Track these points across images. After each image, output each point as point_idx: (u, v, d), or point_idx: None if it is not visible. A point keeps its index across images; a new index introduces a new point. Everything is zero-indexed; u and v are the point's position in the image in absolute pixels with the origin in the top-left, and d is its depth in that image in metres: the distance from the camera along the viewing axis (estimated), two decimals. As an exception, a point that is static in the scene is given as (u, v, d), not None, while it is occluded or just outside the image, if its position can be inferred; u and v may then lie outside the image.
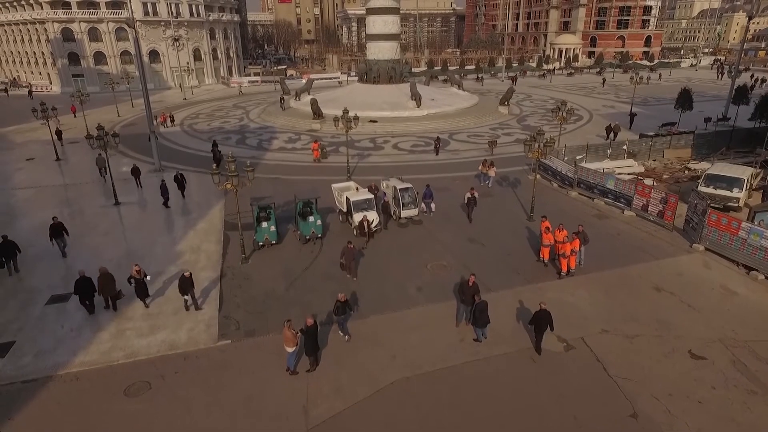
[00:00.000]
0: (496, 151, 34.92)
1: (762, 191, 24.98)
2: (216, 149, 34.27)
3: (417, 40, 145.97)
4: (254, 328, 15.06)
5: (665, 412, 11.54)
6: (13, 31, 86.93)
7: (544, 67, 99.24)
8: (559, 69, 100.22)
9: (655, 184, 24.72)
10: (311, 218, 20.84)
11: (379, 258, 19.55)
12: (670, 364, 13.17)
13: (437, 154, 35.15)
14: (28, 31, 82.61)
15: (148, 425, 11.58)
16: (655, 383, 12.45)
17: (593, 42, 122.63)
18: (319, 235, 21.17)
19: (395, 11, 54.09)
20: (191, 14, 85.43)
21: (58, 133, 39.91)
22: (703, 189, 22.98)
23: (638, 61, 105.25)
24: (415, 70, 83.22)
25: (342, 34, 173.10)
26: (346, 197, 21.88)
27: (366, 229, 20.02)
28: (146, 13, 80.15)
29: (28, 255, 19.59)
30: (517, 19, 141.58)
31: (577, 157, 29.51)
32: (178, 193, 26.72)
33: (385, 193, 23.62)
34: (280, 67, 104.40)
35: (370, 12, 54.26)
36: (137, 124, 48.47)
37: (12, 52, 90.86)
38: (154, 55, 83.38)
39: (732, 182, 23.32)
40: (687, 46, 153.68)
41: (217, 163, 31.10)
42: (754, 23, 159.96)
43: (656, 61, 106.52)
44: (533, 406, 11.94)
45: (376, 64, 54.67)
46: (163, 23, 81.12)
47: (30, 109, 38.03)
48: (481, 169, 28.39)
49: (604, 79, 77.84)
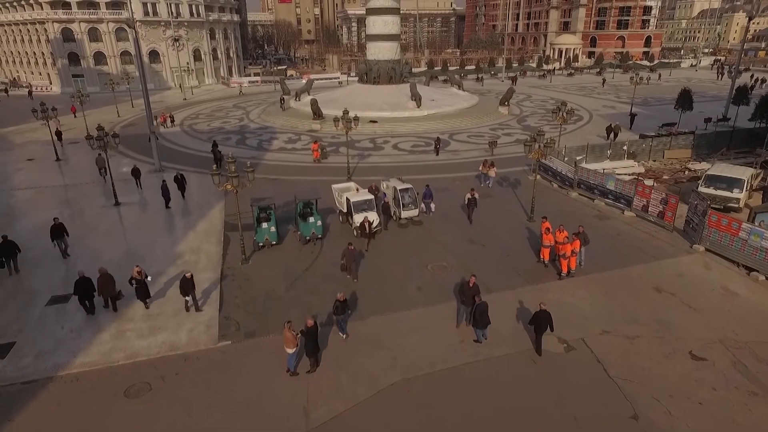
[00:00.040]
0: (497, 152, 34.91)
1: (762, 192, 24.96)
2: (216, 149, 34.27)
3: (417, 41, 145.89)
4: (254, 329, 15.05)
5: (666, 414, 11.54)
6: (13, 32, 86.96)
7: (544, 67, 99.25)
8: (559, 69, 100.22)
9: (655, 185, 24.71)
10: (311, 219, 20.84)
11: (379, 259, 19.55)
12: (670, 365, 13.17)
13: (437, 155, 35.15)
14: (28, 31, 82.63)
15: (149, 426, 11.58)
16: (655, 384, 12.44)
17: (593, 42, 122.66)
18: (320, 236, 21.17)
19: (395, 11, 54.07)
20: (191, 14, 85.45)
21: (58, 134, 39.89)
22: (703, 190, 22.97)
23: (638, 62, 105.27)
24: (415, 71, 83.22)
25: (342, 35, 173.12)
26: (347, 198, 21.87)
27: (367, 230, 19.98)
28: (146, 14, 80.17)
29: (29, 256, 19.58)
30: (517, 20, 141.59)
31: (578, 158, 29.50)
32: (179, 194, 26.71)
33: (386, 194, 23.60)
34: (280, 68, 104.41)
35: (370, 12, 54.24)
36: (137, 125, 48.45)
37: (12, 53, 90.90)
38: (154, 56, 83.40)
39: (732, 183, 23.31)
40: (687, 47, 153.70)
41: (218, 163, 31.24)
42: (754, 23, 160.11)
43: (656, 62, 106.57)
44: (533, 407, 11.94)
45: (376, 65, 54.65)
46: (163, 23, 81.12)
47: (30, 110, 38.04)
48: (482, 169, 28.39)
49: (604, 80, 77.85)
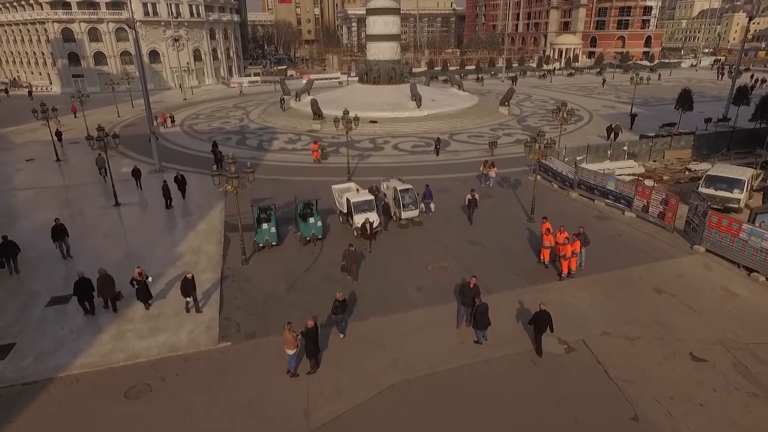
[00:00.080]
0: (497, 152, 34.90)
1: (762, 192, 24.96)
2: (216, 150, 34.25)
3: (417, 41, 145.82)
4: (255, 330, 15.04)
5: (666, 415, 11.53)
6: (13, 32, 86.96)
7: (545, 67, 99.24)
8: (560, 69, 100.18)
9: (655, 185, 24.70)
10: (311, 219, 20.83)
11: (379, 259, 19.54)
12: (671, 367, 13.16)
13: (437, 155, 35.14)
14: (28, 31, 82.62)
15: (149, 428, 11.57)
16: (656, 386, 12.43)
17: (593, 42, 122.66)
18: (320, 237, 21.16)
19: (395, 12, 54.06)
20: (191, 14, 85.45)
21: (58, 134, 39.84)
22: (703, 190, 22.97)
23: (638, 62, 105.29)
24: (415, 71, 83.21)
25: (342, 35, 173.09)
26: (347, 198, 21.86)
27: (369, 232, 19.96)
28: (146, 14, 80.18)
29: (29, 256, 19.58)
30: (518, 20, 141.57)
31: (578, 158, 29.51)
32: (179, 194, 26.69)
33: (386, 195, 23.59)
34: (280, 68, 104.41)
35: (371, 12, 54.23)
36: (137, 125, 48.45)
37: (12, 53, 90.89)
38: (154, 56, 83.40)
39: (732, 183, 23.31)
40: (687, 47, 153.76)
41: (218, 164, 31.25)
42: (754, 23, 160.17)
43: (656, 62, 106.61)
44: (534, 408, 11.93)
45: (377, 65, 54.63)
46: (163, 23, 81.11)
47: (30, 110, 38.10)
48: (483, 169, 28.39)
49: (604, 80, 77.86)
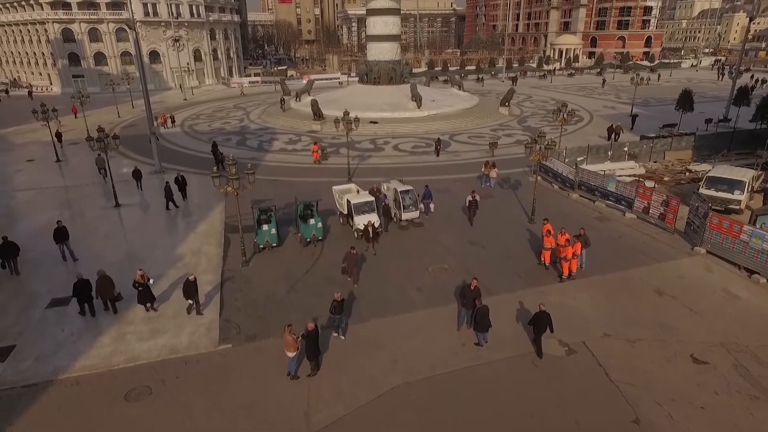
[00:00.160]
0: (497, 153, 34.86)
1: (763, 194, 24.93)
2: (216, 150, 34.20)
3: (417, 41, 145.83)
4: (255, 332, 15.02)
5: (667, 418, 11.50)
6: (13, 32, 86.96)
7: (545, 67, 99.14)
8: (560, 69, 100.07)
9: (656, 187, 24.67)
10: (312, 221, 20.80)
11: (379, 261, 19.51)
12: (672, 369, 13.14)
13: (438, 156, 35.12)
14: (29, 31, 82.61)
15: (149, 430, 11.55)
16: (657, 388, 12.41)
17: (593, 42, 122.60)
18: (320, 238, 21.14)
19: (396, 12, 54.03)
20: (191, 15, 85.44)
21: (58, 135, 39.76)
22: (704, 191, 22.94)
23: (639, 62, 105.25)
24: (415, 71, 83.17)
25: (342, 35, 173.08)
26: (347, 200, 21.84)
27: (371, 234, 19.91)
28: (146, 14, 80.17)
29: (29, 257, 19.56)
30: (518, 20, 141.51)
31: (578, 159, 29.48)
32: (179, 195, 26.63)
33: (386, 196, 23.56)
34: (280, 68, 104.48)
35: (371, 13, 54.20)
36: (138, 125, 48.43)
37: (12, 53, 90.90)
38: (155, 56, 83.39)
39: (733, 185, 23.26)
40: (687, 47, 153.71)
41: (219, 165, 31.23)
42: (755, 23, 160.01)
43: (657, 62, 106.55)
44: (535, 410, 11.90)
45: (377, 65, 54.59)
46: (163, 24, 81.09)
47: (30, 110, 38.03)
48: (484, 170, 28.37)
49: (604, 80, 77.76)
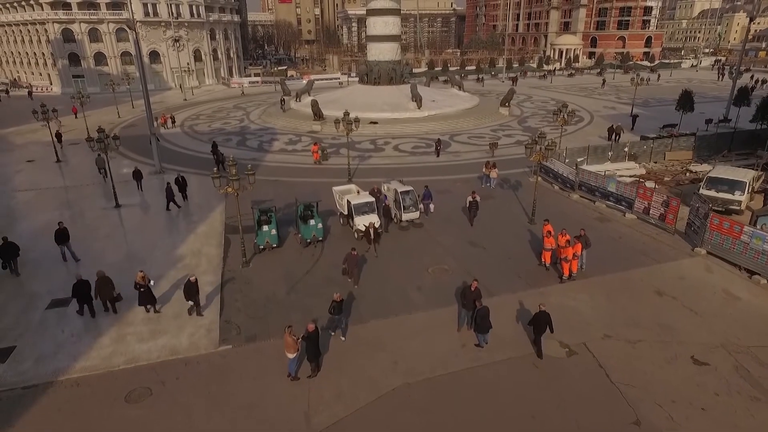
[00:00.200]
0: (497, 153, 34.85)
1: (764, 194, 24.90)
2: (216, 151, 34.18)
3: (417, 41, 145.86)
4: (255, 333, 15.01)
5: (668, 419, 11.49)
6: (13, 32, 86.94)
7: (545, 67, 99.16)
8: (560, 70, 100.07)
9: (656, 187, 24.66)
10: (312, 221, 20.79)
11: (380, 261, 19.50)
12: (672, 370, 13.12)
13: (438, 156, 35.11)
14: (29, 31, 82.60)
15: (149, 431, 11.56)
16: (657, 389, 12.39)
17: (594, 42, 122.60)
18: (320, 239, 21.13)
19: (396, 12, 54.03)
20: (191, 15, 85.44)
21: (58, 135, 39.68)
22: (704, 192, 22.92)
23: (639, 62, 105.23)
24: (415, 71, 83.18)
25: (342, 35, 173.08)
26: (347, 200, 21.83)
27: (372, 236, 19.87)
28: (146, 14, 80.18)
29: (29, 258, 19.56)
30: (518, 20, 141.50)
31: (578, 159, 29.45)
32: (179, 196, 26.61)
33: (386, 196, 23.55)
34: (280, 68, 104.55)
35: (371, 13, 54.19)
36: (138, 126, 48.43)
37: (12, 53, 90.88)
38: (155, 56, 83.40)
39: (734, 185, 23.24)
40: (687, 47, 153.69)
41: (219, 165, 31.22)
42: (755, 24, 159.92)
43: (657, 62, 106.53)
44: (535, 412, 11.89)
45: (377, 65, 54.59)
46: (163, 24, 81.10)
47: (30, 110, 38.05)
48: (485, 170, 28.36)
49: (604, 80, 77.74)
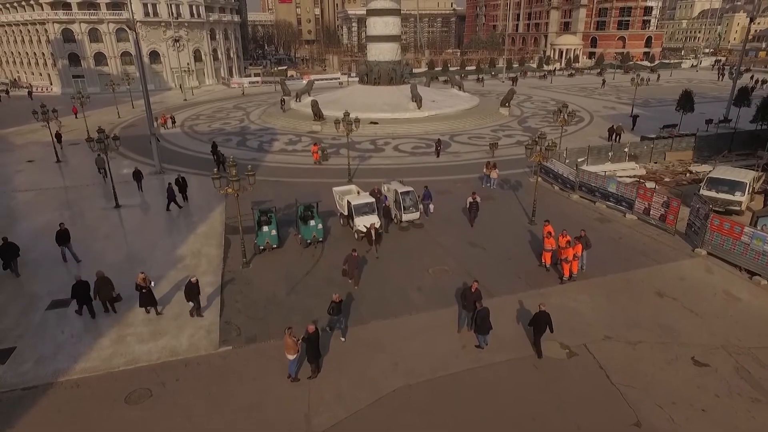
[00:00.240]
0: (497, 153, 34.84)
1: (764, 195, 24.88)
2: (216, 151, 34.15)
3: (417, 41, 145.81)
4: (255, 334, 14.99)
5: (669, 421, 11.48)
6: (13, 32, 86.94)
7: (545, 67, 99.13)
8: (560, 70, 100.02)
9: (656, 188, 24.64)
10: (312, 222, 20.78)
11: (380, 262, 19.48)
12: (673, 372, 13.11)
13: (438, 156, 35.09)
14: (29, 31, 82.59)
15: (149, 433, 11.54)
16: (658, 391, 12.38)
17: (594, 43, 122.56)
18: (320, 239, 21.12)
19: (396, 12, 54.01)
20: (191, 15, 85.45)
21: (58, 136, 39.65)
22: (705, 193, 22.90)
23: (639, 62, 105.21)
24: (415, 71, 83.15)
25: (342, 35, 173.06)
26: (347, 201, 21.82)
27: (374, 237, 19.83)
28: (146, 14, 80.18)
29: (29, 259, 19.54)
30: (518, 20, 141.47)
31: (579, 160, 29.43)
32: (179, 196, 26.59)
33: (386, 197, 23.53)
34: (280, 68, 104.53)
35: (371, 13, 54.17)
36: (138, 126, 48.42)
37: (12, 53, 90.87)
38: (155, 56, 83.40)
39: (734, 186, 23.21)
40: (687, 47, 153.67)
41: (220, 165, 31.20)
42: (755, 24, 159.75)
43: (657, 62, 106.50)
44: (535, 413, 11.88)
45: (377, 66, 54.57)
46: (163, 24, 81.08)
47: (30, 111, 38.04)
48: (485, 171, 28.35)
49: (604, 80, 77.71)
